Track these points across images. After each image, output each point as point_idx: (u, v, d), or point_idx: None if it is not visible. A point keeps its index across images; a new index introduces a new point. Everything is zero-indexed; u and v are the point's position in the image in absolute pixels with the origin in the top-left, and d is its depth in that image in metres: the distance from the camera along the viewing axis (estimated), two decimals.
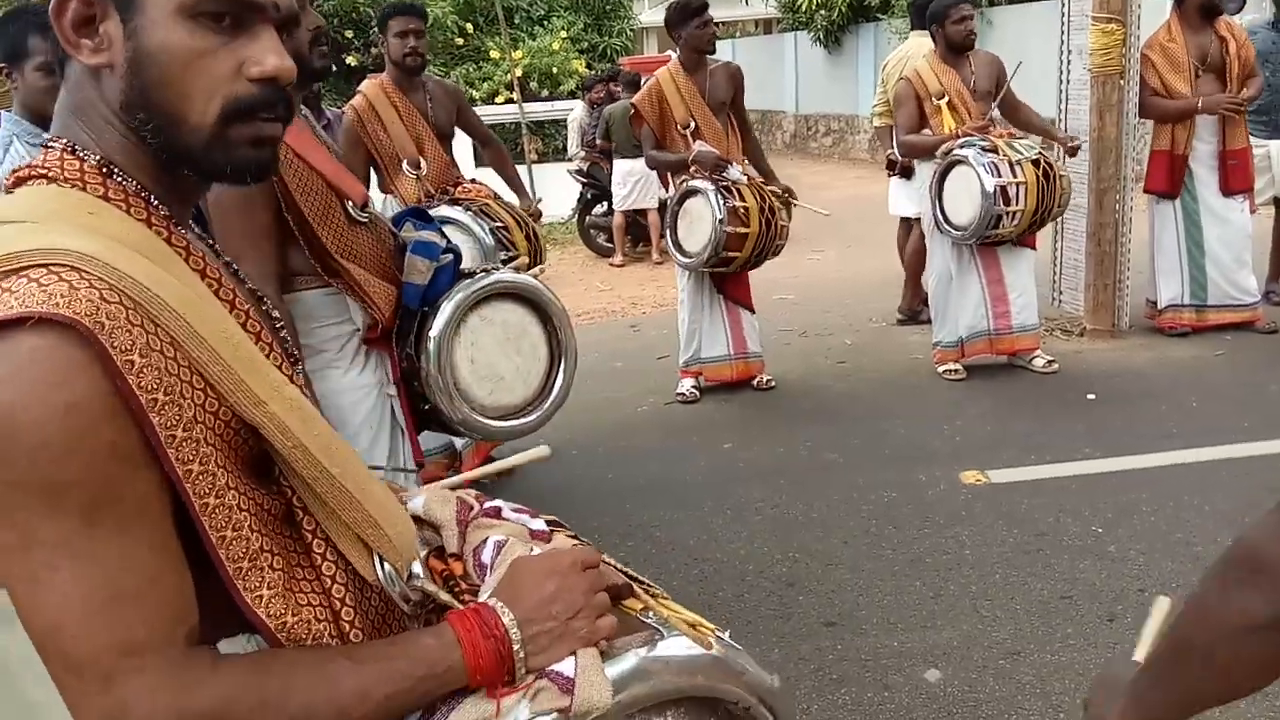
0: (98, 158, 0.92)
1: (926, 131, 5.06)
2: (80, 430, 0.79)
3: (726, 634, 1.14)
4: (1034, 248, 5.13)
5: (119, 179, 0.93)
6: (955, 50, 4.97)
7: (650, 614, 1.13)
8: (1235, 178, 5.37)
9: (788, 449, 4.47)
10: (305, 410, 0.97)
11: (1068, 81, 5.75)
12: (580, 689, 1.00)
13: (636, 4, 19.08)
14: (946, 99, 4.96)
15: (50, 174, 0.92)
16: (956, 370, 5.16)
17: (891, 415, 4.79)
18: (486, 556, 1.12)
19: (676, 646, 1.08)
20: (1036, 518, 3.58)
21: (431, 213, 4.09)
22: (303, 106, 2.41)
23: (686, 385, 5.21)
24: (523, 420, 2.46)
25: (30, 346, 0.79)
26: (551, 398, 2.47)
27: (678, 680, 1.07)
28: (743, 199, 4.69)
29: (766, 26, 23.30)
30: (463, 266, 2.43)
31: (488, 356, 2.38)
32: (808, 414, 4.94)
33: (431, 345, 2.29)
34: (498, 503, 1.23)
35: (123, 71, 0.92)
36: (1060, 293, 6.06)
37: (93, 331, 0.79)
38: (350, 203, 2.31)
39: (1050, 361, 5.16)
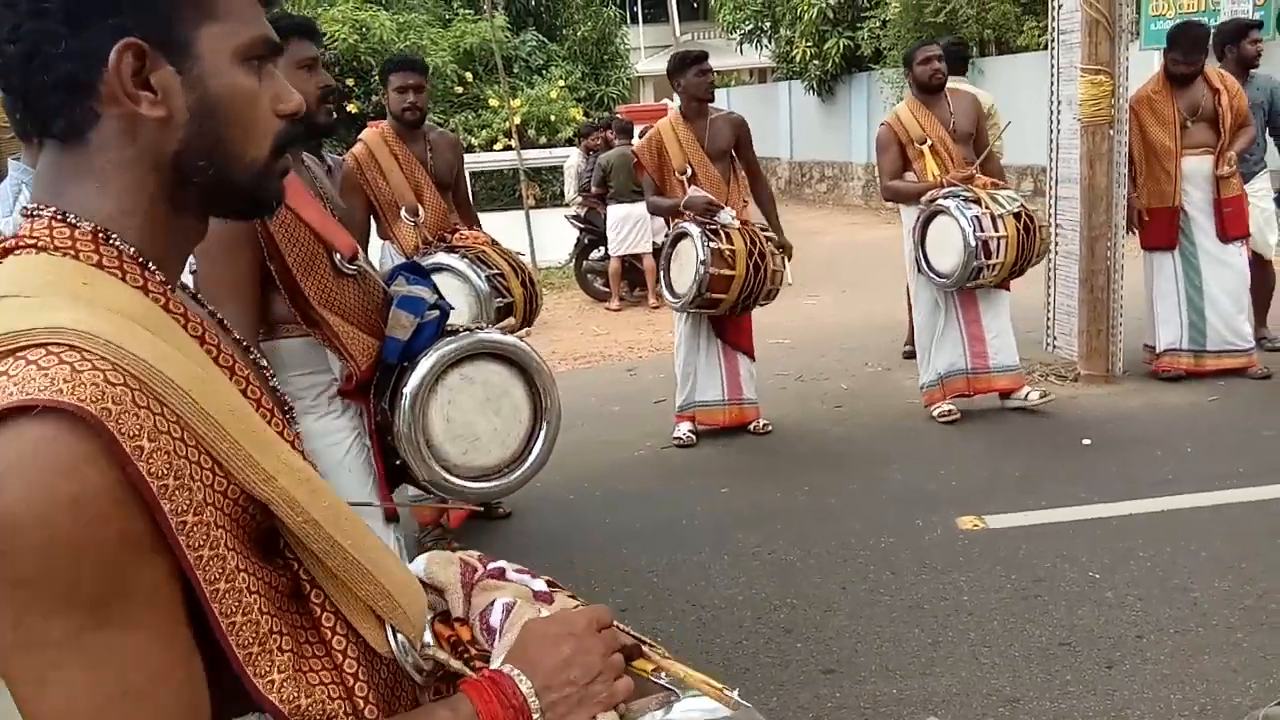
0: (91, 225, 0.87)
1: (910, 176, 5.13)
2: (88, 523, 0.75)
3: (736, 692, 1.12)
4: (1008, 289, 5.19)
5: (114, 244, 0.88)
6: (926, 91, 5.08)
7: (662, 674, 1.11)
8: (1232, 225, 5.44)
9: (785, 493, 4.47)
10: (313, 482, 0.94)
11: (1058, 131, 5.85)
12: None
13: (633, 53, 19.38)
14: (929, 143, 5.04)
15: (39, 243, 0.86)
16: (951, 411, 5.18)
17: (888, 460, 4.80)
18: (495, 620, 1.10)
19: (694, 706, 1.07)
20: (1034, 563, 3.58)
21: (428, 260, 4.14)
22: (307, 155, 2.44)
23: (683, 429, 5.21)
24: (496, 483, 2.41)
25: (33, 437, 0.74)
26: (529, 462, 2.41)
27: None
28: (730, 242, 4.74)
29: (761, 76, 23.64)
30: (450, 324, 2.42)
31: (465, 416, 2.33)
32: (805, 458, 4.94)
33: (405, 401, 2.26)
34: (501, 564, 1.20)
35: (184, 120, 0.89)
36: (1054, 338, 6.10)
37: (99, 419, 0.74)
38: (338, 255, 2.32)
39: (1044, 394, 5.19)
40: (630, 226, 9.01)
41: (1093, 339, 5.67)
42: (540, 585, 1.18)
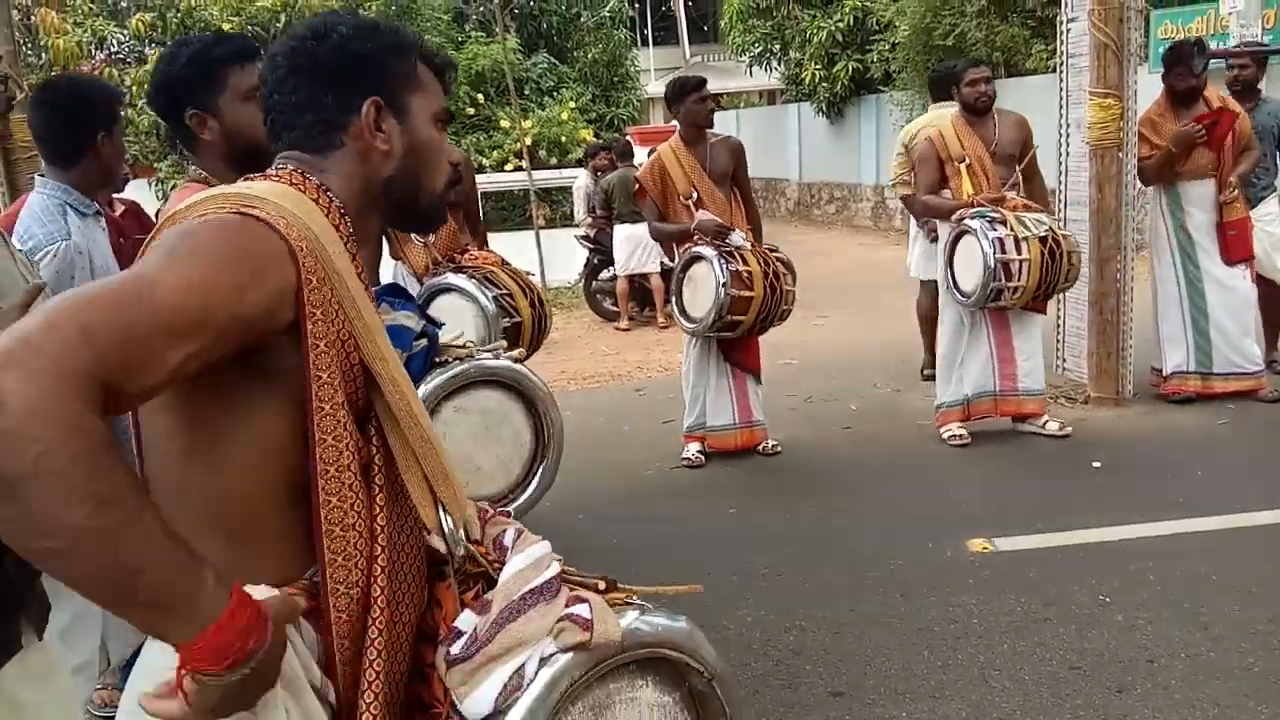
0: (317, 182, 1.25)
1: (946, 193, 5.14)
2: (268, 268, 1.10)
3: (699, 627, 1.37)
4: (1044, 312, 5.18)
5: (328, 194, 1.25)
6: (972, 112, 5.08)
7: (634, 598, 1.37)
8: (1235, 248, 5.44)
9: (793, 515, 4.47)
10: (404, 382, 1.24)
11: (1067, 154, 5.86)
12: (597, 625, 1.22)
13: (643, 75, 19.50)
14: (966, 161, 5.04)
15: (284, 179, 1.25)
16: (961, 435, 5.17)
17: (897, 482, 4.79)
18: (507, 540, 1.34)
19: (662, 615, 1.34)
20: (1044, 586, 3.56)
21: (436, 280, 4.16)
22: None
23: (692, 450, 5.21)
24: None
25: (253, 223, 1.12)
26: (533, 486, 2.39)
27: (664, 638, 1.31)
28: (746, 264, 4.75)
29: (770, 98, 23.74)
30: (444, 342, 2.40)
31: (463, 448, 2.29)
32: (813, 480, 4.94)
33: None
34: (510, 509, 1.47)
35: (399, 156, 1.31)
36: (1064, 360, 6.10)
37: (295, 249, 1.12)
38: None
39: (1063, 426, 5.18)
40: (636, 246, 9.04)
41: (1102, 361, 5.66)
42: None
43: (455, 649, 1.22)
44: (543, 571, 1.29)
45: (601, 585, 1.33)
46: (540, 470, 2.40)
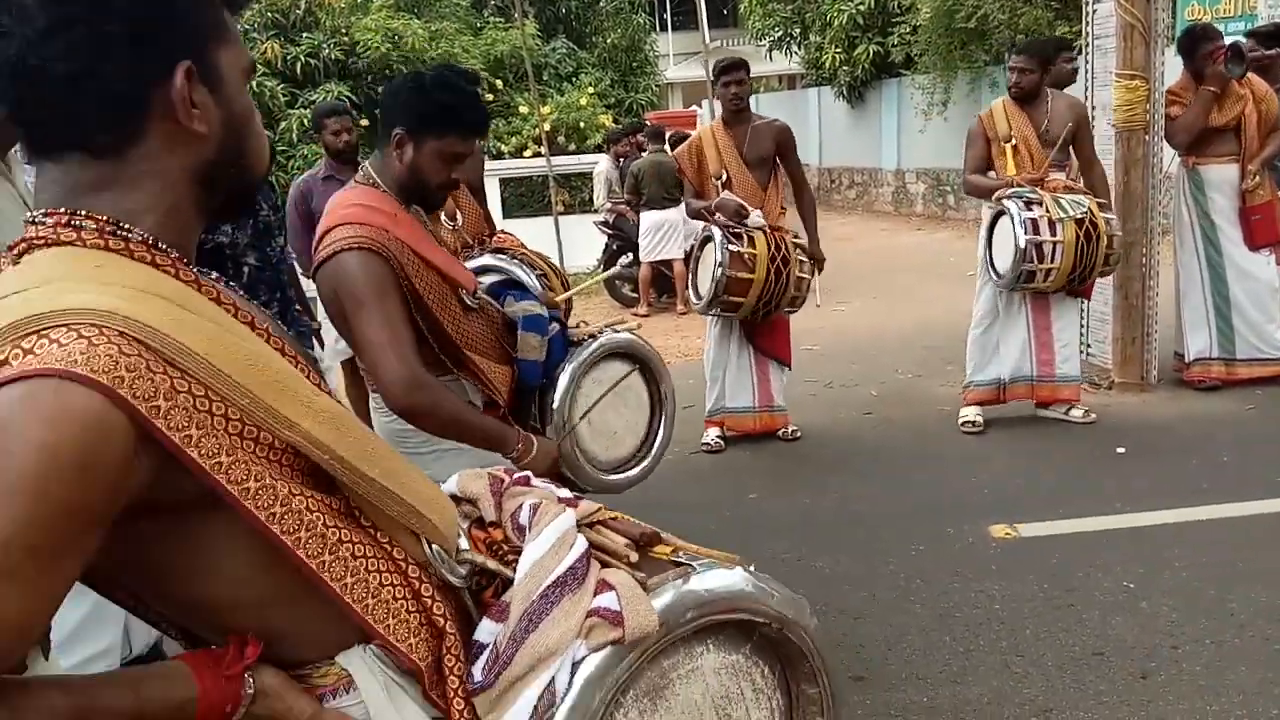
0: (98, 220, 0.94)
1: (992, 174, 5.11)
2: (96, 458, 0.83)
3: (752, 567, 1.27)
4: (1088, 298, 5.14)
5: (123, 232, 0.94)
6: (1014, 98, 5.03)
7: (680, 554, 1.26)
8: (1260, 233, 5.37)
9: (814, 500, 4.46)
10: (339, 419, 1.03)
11: (1092, 137, 5.78)
12: (629, 618, 1.11)
13: (662, 60, 19.42)
14: (1013, 142, 5.00)
15: (48, 240, 0.93)
16: (975, 423, 5.14)
17: (918, 467, 4.77)
18: (524, 518, 1.22)
19: (710, 578, 1.21)
20: (1067, 572, 3.54)
21: (475, 263, 4.17)
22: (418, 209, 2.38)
23: (711, 435, 5.21)
24: (635, 470, 2.59)
25: (51, 389, 0.82)
26: (657, 443, 2.62)
27: (715, 605, 1.19)
28: (753, 246, 4.74)
29: (790, 82, 23.60)
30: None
31: (602, 415, 2.49)
32: (834, 465, 4.92)
33: (557, 419, 2.38)
34: (527, 473, 1.33)
35: (218, 134, 0.99)
36: (1088, 345, 6.04)
37: (110, 386, 0.83)
38: (463, 290, 2.33)
39: (1087, 412, 5.14)
40: (662, 233, 9.03)
41: (1127, 346, 5.60)
42: (565, 493, 1.31)
43: (477, 673, 1.11)
44: (564, 555, 1.17)
45: (633, 555, 1.22)
46: (660, 425, 2.63)
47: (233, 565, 0.98)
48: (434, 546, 1.13)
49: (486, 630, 1.14)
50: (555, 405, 2.38)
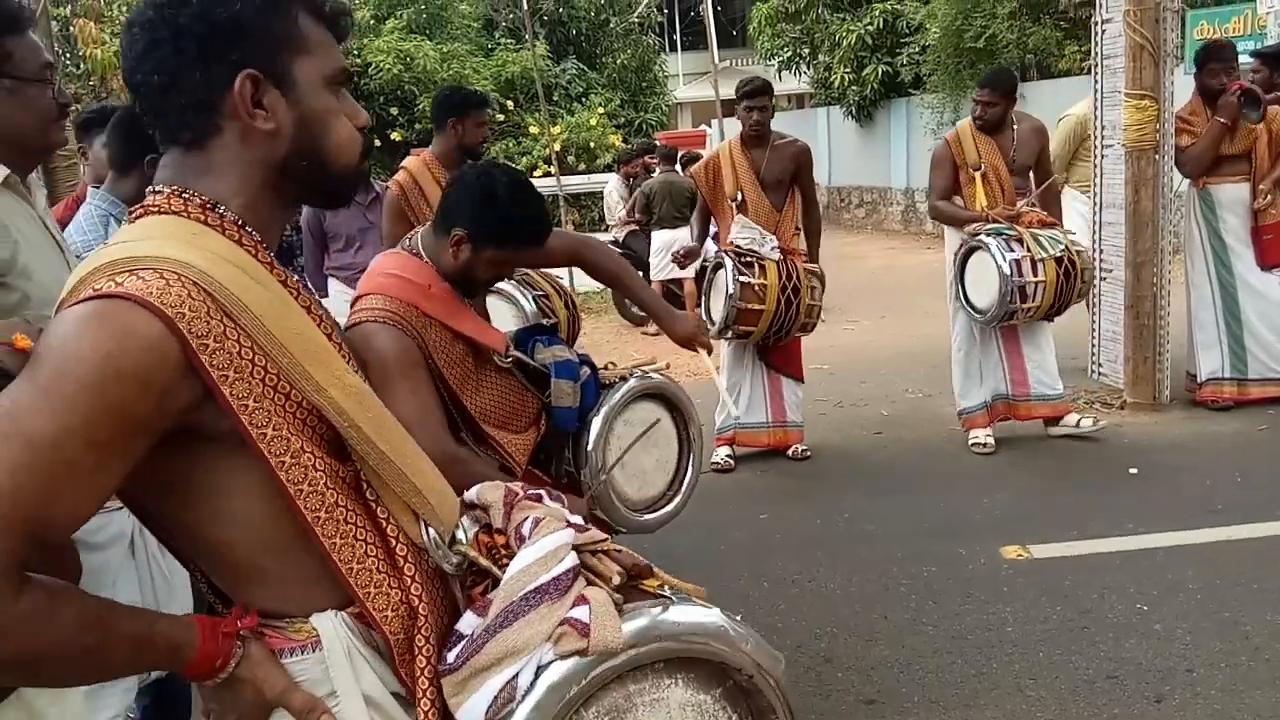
0: (202, 199, 1.13)
1: (959, 200, 5.11)
2: (149, 373, 0.99)
3: (739, 617, 1.30)
4: (1050, 320, 5.14)
5: (219, 211, 1.13)
6: (980, 130, 5.04)
7: (666, 588, 1.33)
8: (1272, 252, 5.35)
9: (825, 520, 4.45)
10: (362, 395, 1.18)
11: (1103, 156, 5.80)
12: (595, 631, 1.18)
13: (672, 80, 19.52)
14: (982, 170, 5.00)
15: (161, 209, 1.13)
16: (986, 445, 5.13)
17: (930, 487, 4.75)
18: (525, 530, 1.30)
19: (685, 612, 1.27)
20: (1080, 594, 3.52)
21: None
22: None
23: (722, 454, 5.21)
24: (667, 509, 2.60)
25: (124, 308, 1.00)
26: (686, 481, 2.62)
27: (686, 639, 1.25)
28: (764, 276, 4.74)
29: (799, 101, 23.68)
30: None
31: (634, 456, 2.51)
32: (845, 485, 4.91)
33: (594, 463, 2.40)
34: (541, 491, 1.39)
35: (290, 132, 1.16)
36: (1099, 365, 6.02)
37: (172, 319, 1.00)
38: (496, 354, 2.33)
39: (1095, 420, 5.12)
40: (671, 252, 9.03)
41: (1139, 366, 5.58)
42: (575, 519, 1.36)
43: (450, 656, 1.19)
44: (553, 566, 1.23)
45: (618, 579, 1.28)
46: (689, 468, 2.64)
47: (243, 506, 1.11)
48: (431, 532, 1.23)
49: (468, 622, 1.23)
50: (590, 448, 2.40)
